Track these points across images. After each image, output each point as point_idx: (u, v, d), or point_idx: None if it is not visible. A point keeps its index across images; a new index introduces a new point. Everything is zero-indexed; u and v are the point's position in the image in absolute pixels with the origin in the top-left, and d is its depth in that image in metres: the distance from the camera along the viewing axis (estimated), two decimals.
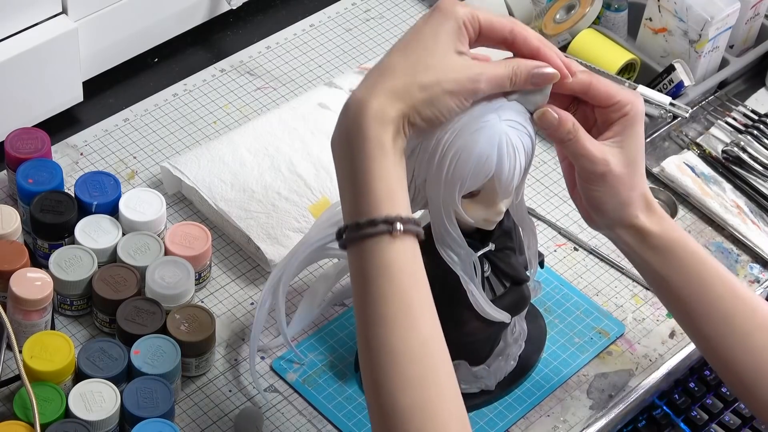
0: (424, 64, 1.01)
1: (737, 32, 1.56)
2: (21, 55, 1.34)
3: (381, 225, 0.99)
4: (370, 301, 0.99)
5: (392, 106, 1.00)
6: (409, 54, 1.01)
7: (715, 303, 1.11)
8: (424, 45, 1.02)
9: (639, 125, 1.10)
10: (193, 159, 1.38)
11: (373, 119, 1.00)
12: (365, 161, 0.99)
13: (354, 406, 1.25)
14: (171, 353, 1.21)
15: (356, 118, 1.00)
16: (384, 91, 1.00)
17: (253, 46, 1.57)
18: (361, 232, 0.99)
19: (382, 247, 0.99)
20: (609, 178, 1.09)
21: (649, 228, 1.11)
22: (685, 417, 1.36)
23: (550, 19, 1.56)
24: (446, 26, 1.02)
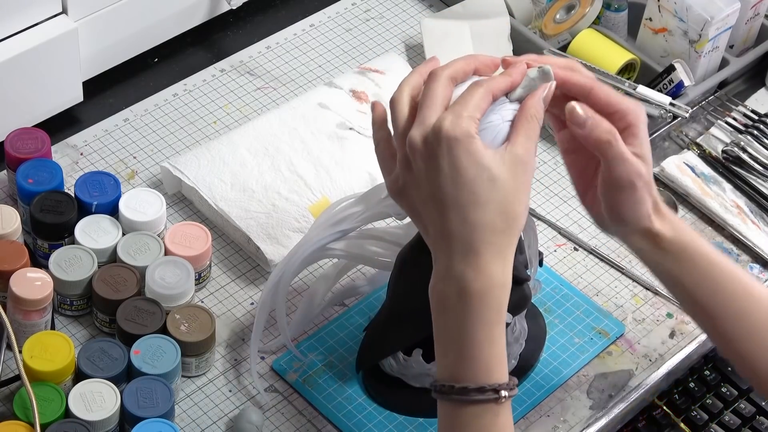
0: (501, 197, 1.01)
1: (737, 32, 1.56)
2: (21, 55, 1.34)
3: (489, 392, 1.00)
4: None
5: (508, 263, 1.02)
6: (482, 201, 1.00)
7: (729, 302, 1.12)
8: (486, 183, 1.00)
9: (645, 132, 1.09)
10: (193, 159, 1.38)
11: (497, 288, 1.01)
12: (484, 327, 1.01)
13: (354, 406, 1.25)
14: (171, 353, 1.21)
15: (482, 288, 1.01)
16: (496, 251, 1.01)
17: (253, 46, 1.57)
18: (469, 397, 1.01)
19: (486, 415, 1.01)
20: (639, 184, 1.08)
21: (662, 231, 1.11)
22: (685, 417, 1.36)
23: (550, 19, 1.56)
24: (475, 150, 1.00)
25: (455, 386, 1.01)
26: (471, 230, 1.01)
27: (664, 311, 1.36)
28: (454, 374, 1.02)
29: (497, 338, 1.02)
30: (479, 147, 1.01)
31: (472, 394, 1.01)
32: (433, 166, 1.01)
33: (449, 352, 1.02)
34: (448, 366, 1.03)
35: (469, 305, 1.01)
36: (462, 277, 1.01)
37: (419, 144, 1.02)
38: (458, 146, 1.00)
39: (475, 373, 1.01)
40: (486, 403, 1.01)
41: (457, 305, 1.02)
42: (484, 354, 1.01)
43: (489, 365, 1.01)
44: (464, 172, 1.00)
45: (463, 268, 1.01)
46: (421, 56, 1.58)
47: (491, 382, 1.01)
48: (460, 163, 1.00)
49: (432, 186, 1.01)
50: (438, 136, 1.01)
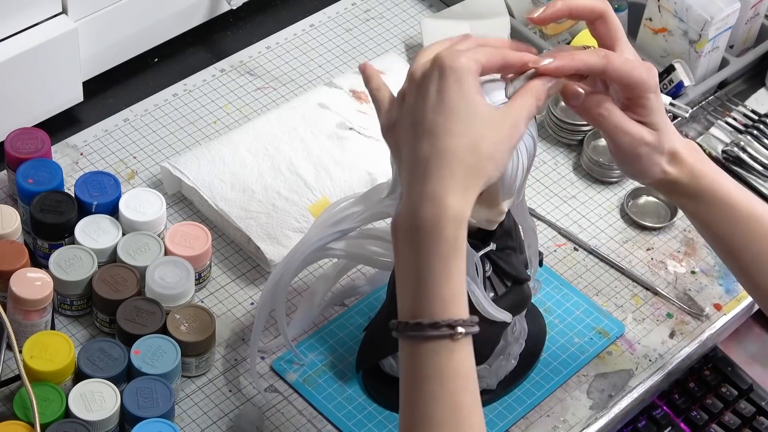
0: (477, 134, 0.99)
1: (737, 32, 1.56)
2: (21, 55, 1.34)
3: (444, 328, 0.98)
4: (419, 400, 0.99)
5: (468, 199, 0.99)
6: (457, 131, 0.99)
7: (749, 243, 1.13)
8: (465, 114, 0.99)
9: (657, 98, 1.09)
10: (193, 159, 1.38)
11: (451, 220, 0.98)
12: (437, 261, 0.98)
13: (354, 406, 1.25)
14: (171, 353, 1.21)
15: (433, 218, 0.98)
16: (458, 184, 0.98)
17: (253, 46, 1.57)
18: (423, 333, 0.98)
19: (441, 351, 0.98)
20: (644, 150, 1.09)
21: (678, 178, 1.12)
22: (685, 417, 1.36)
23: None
24: (467, 83, 1.00)
25: (410, 322, 0.99)
26: (437, 156, 0.98)
27: (664, 311, 1.36)
28: (411, 311, 0.99)
29: (454, 274, 0.98)
30: (471, 83, 1.00)
31: (426, 330, 0.98)
32: (422, 93, 1.00)
33: (405, 286, 1.00)
34: (405, 303, 1.00)
35: (422, 238, 0.98)
36: (418, 207, 0.98)
37: (416, 72, 1.02)
38: (450, 75, 0.99)
39: (430, 308, 0.98)
40: (441, 339, 0.98)
41: (412, 238, 0.99)
42: (439, 289, 0.98)
43: (444, 300, 0.98)
44: (448, 100, 0.99)
45: (420, 198, 0.98)
46: None
47: (446, 318, 0.98)
48: (446, 91, 0.99)
49: (415, 113, 1.01)
50: (434, 63, 1.00)
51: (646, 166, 1.11)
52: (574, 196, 1.46)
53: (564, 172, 1.48)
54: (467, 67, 1.00)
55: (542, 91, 1.04)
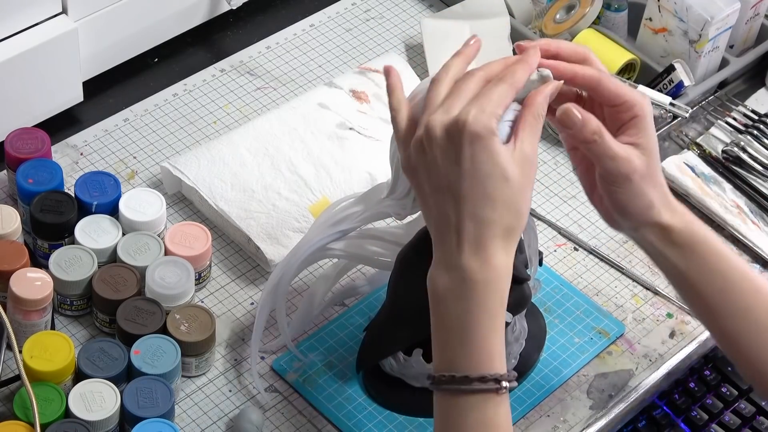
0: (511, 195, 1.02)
1: (737, 32, 1.56)
2: (21, 55, 1.34)
3: (490, 382, 1.01)
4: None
5: (511, 254, 1.03)
6: (494, 198, 1.02)
7: (736, 298, 1.12)
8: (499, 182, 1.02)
9: (651, 124, 1.10)
10: (193, 159, 1.38)
11: (501, 278, 1.02)
12: (486, 317, 1.02)
13: (354, 406, 1.25)
14: (171, 353, 1.21)
15: (485, 278, 1.02)
16: (500, 245, 1.02)
17: (253, 46, 1.57)
18: (469, 386, 1.01)
19: (486, 405, 1.01)
20: (635, 178, 1.09)
21: (672, 224, 1.11)
22: (685, 417, 1.36)
23: (550, 19, 1.56)
24: (495, 149, 1.01)
25: (456, 375, 1.01)
26: (480, 225, 1.02)
27: (664, 311, 1.36)
28: (455, 364, 1.02)
29: (499, 330, 1.02)
30: (497, 145, 1.02)
31: (473, 384, 1.00)
32: (451, 158, 1.02)
33: (450, 341, 1.02)
34: (448, 355, 1.02)
35: (474, 295, 1.01)
36: (468, 268, 1.02)
37: (438, 132, 1.02)
38: (479, 142, 1.01)
39: (477, 362, 1.01)
40: (487, 393, 1.00)
41: (462, 295, 1.02)
42: (487, 344, 1.01)
43: (491, 355, 1.01)
44: (481, 167, 1.01)
45: (469, 258, 1.02)
46: (421, 56, 1.58)
47: (492, 372, 1.01)
48: (478, 159, 1.01)
49: (447, 177, 1.02)
50: (460, 129, 1.01)
51: (636, 198, 1.10)
52: (574, 196, 1.46)
53: (564, 172, 1.48)
54: (491, 130, 1.01)
55: (545, 103, 1.05)
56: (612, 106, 1.09)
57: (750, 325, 1.11)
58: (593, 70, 1.09)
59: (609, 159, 1.08)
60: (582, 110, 1.07)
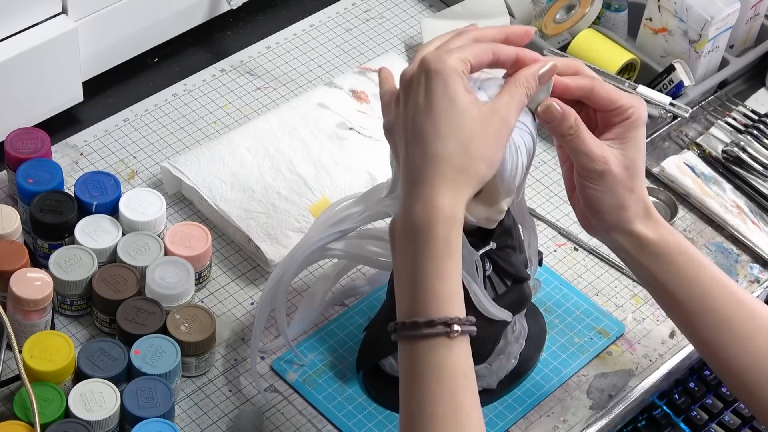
0: (465, 136, 1.00)
1: (737, 32, 1.56)
2: (21, 55, 1.34)
3: (439, 326, 0.99)
4: (419, 400, 0.99)
5: (460, 199, 1.00)
6: (445, 134, 1.00)
7: (713, 308, 1.11)
8: (452, 117, 1.00)
9: (640, 130, 1.10)
10: (193, 159, 1.38)
11: (443, 220, 0.99)
12: (430, 261, 0.99)
13: (354, 406, 1.25)
14: (171, 353, 1.21)
15: (426, 219, 1.00)
16: (449, 186, 1.00)
17: (253, 46, 1.57)
18: (419, 331, 0.99)
19: (438, 349, 0.99)
20: (607, 177, 1.09)
21: (646, 234, 1.11)
22: (685, 417, 1.36)
23: (550, 19, 1.56)
24: (453, 86, 1.01)
25: (406, 322, 1.00)
26: (427, 161, 1.00)
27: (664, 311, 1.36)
28: (408, 311, 1.01)
29: (449, 274, 1.00)
30: (457, 84, 1.00)
31: (422, 328, 0.99)
32: (412, 98, 1.02)
33: (403, 288, 1.01)
34: (402, 304, 1.01)
35: (416, 239, 1.00)
36: (411, 210, 1.00)
37: (407, 75, 1.03)
38: (435, 77, 1.00)
39: (426, 307, 0.99)
40: (437, 336, 0.99)
41: (407, 240, 1.01)
42: (434, 288, 0.99)
43: (440, 299, 0.99)
44: (435, 103, 1.00)
45: (413, 201, 1.00)
46: None
47: (441, 316, 0.99)
48: (433, 95, 1.00)
49: (406, 117, 1.02)
50: (421, 66, 1.01)
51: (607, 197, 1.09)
52: None
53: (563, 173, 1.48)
54: (453, 68, 1.01)
55: (532, 79, 1.04)
56: (608, 111, 1.09)
57: (728, 334, 1.11)
58: (585, 79, 1.09)
59: (584, 156, 1.08)
60: (563, 105, 1.07)
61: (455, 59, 1.01)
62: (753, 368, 1.10)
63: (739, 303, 1.11)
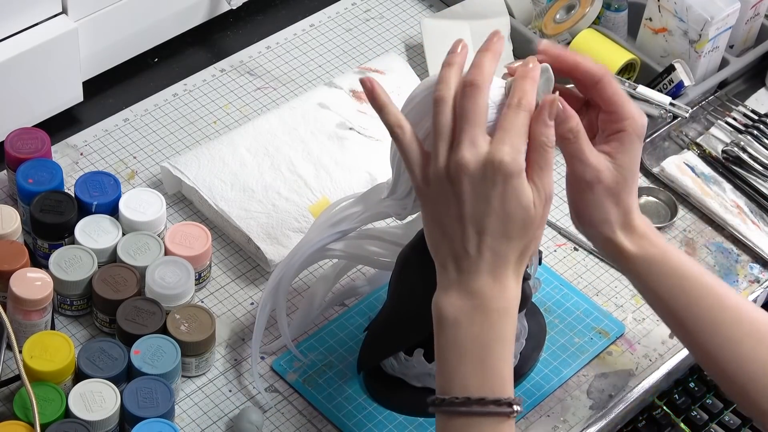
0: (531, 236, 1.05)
1: (737, 32, 1.56)
2: (21, 55, 1.34)
3: (504, 406, 1.02)
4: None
5: (519, 284, 1.05)
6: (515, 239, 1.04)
7: (700, 314, 1.12)
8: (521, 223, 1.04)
9: (637, 144, 1.11)
10: (193, 159, 1.38)
11: (515, 307, 1.04)
12: (504, 344, 1.04)
13: (354, 406, 1.25)
14: (171, 353, 1.21)
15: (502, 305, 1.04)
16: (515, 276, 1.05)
17: (253, 46, 1.57)
18: (486, 409, 1.02)
19: (500, 427, 1.02)
20: (596, 188, 1.11)
21: (627, 247, 1.13)
22: (685, 417, 1.36)
23: (550, 19, 1.56)
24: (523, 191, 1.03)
25: (471, 398, 1.02)
26: (499, 258, 1.04)
27: None
28: (469, 387, 1.03)
29: (510, 356, 1.04)
30: (526, 186, 1.03)
31: (489, 406, 1.02)
32: (482, 194, 1.03)
33: (463, 364, 1.03)
34: (459, 378, 1.03)
35: (490, 321, 1.03)
36: (484, 295, 1.03)
37: (471, 168, 1.03)
38: (511, 182, 1.02)
39: (492, 385, 1.03)
40: (500, 416, 1.02)
41: (477, 320, 1.03)
42: (501, 368, 1.03)
43: (504, 380, 1.03)
44: (508, 207, 1.03)
45: (485, 286, 1.03)
46: (421, 56, 1.58)
47: (506, 396, 1.02)
48: (508, 199, 1.02)
49: (473, 210, 1.03)
50: (496, 169, 1.02)
51: (593, 209, 1.12)
52: None
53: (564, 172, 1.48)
54: (523, 169, 1.03)
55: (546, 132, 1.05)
56: (606, 111, 1.09)
57: (717, 339, 1.12)
58: (598, 67, 1.09)
59: (578, 162, 1.10)
60: (567, 107, 1.07)
61: (521, 155, 1.03)
62: (742, 372, 1.11)
63: (725, 309, 1.12)
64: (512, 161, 1.02)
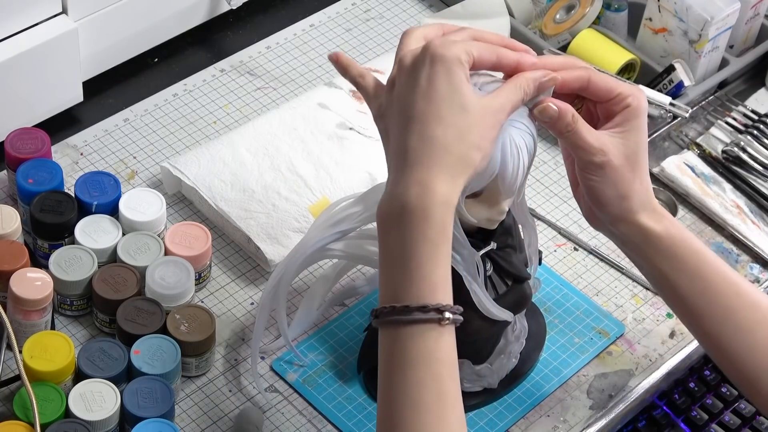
0: (465, 124, 1.00)
1: (737, 32, 1.56)
2: (21, 55, 1.34)
3: (432, 312, 0.98)
4: (404, 385, 0.98)
5: (456, 186, 1.00)
6: (444, 120, 1.00)
7: (716, 300, 1.12)
8: (453, 104, 1.00)
9: (641, 118, 1.09)
10: (193, 159, 1.38)
11: (440, 205, 0.99)
12: (426, 246, 0.98)
13: (354, 406, 1.25)
14: (171, 353, 1.21)
15: (422, 203, 0.99)
16: (446, 171, 0.99)
17: (253, 46, 1.57)
18: (410, 316, 0.98)
19: (428, 334, 0.98)
20: (607, 168, 1.08)
21: (650, 226, 1.11)
22: (685, 417, 1.36)
23: (550, 19, 1.56)
24: (457, 74, 1.01)
25: (396, 306, 0.98)
26: (426, 144, 1.00)
27: (664, 311, 1.36)
28: (396, 294, 0.99)
29: (441, 259, 0.99)
30: (461, 75, 1.00)
31: (414, 313, 0.98)
32: (412, 80, 1.01)
33: (392, 271, 1.00)
34: (390, 286, 1.00)
35: (410, 222, 0.99)
36: (406, 193, 0.99)
37: (408, 58, 1.02)
38: (440, 63, 1.00)
39: (418, 291, 0.98)
40: (428, 323, 0.98)
41: (400, 223, 0.99)
42: (427, 273, 0.98)
43: (432, 285, 0.98)
44: (438, 88, 1.00)
45: (408, 183, 1.00)
46: None
47: (434, 302, 0.98)
48: (436, 80, 1.00)
49: (404, 99, 1.01)
50: (425, 51, 1.01)
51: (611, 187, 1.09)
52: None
53: (564, 172, 1.48)
54: (458, 58, 1.01)
55: (532, 83, 1.04)
56: (607, 101, 1.09)
57: (730, 326, 1.11)
58: (581, 70, 1.09)
59: (581, 149, 1.08)
60: (559, 103, 1.07)
61: (461, 49, 1.01)
62: (753, 360, 1.11)
63: (741, 295, 1.12)
64: (443, 45, 1.00)
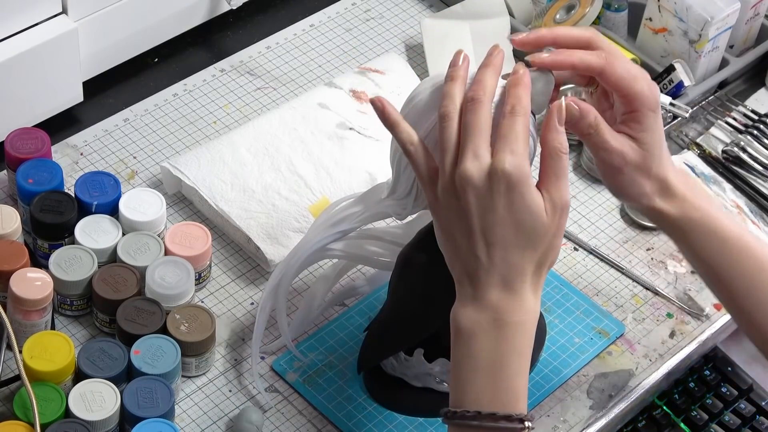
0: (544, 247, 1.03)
1: (737, 32, 1.56)
2: (21, 55, 1.34)
3: (516, 422, 1.01)
4: None
5: (539, 297, 1.04)
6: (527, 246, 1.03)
7: (743, 274, 1.13)
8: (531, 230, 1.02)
9: (654, 119, 1.11)
10: (193, 159, 1.38)
11: (532, 321, 1.03)
12: (514, 357, 1.03)
13: (354, 406, 1.25)
14: (171, 353, 1.21)
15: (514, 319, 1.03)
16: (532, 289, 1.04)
17: (253, 46, 1.57)
18: (497, 424, 1.01)
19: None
20: (626, 170, 1.11)
21: (666, 210, 1.14)
22: (685, 417, 1.36)
23: (550, 19, 1.56)
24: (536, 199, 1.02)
25: (482, 412, 1.01)
26: (513, 269, 1.03)
27: (664, 311, 1.36)
28: (480, 400, 1.02)
29: (525, 371, 1.04)
30: (533, 192, 1.02)
31: (500, 421, 1.01)
32: (488, 205, 1.02)
33: (477, 378, 1.03)
34: (473, 391, 1.03)
35: (505, 335, 1.03)
36: (499, 308, 1.03)
37: (475, 180, 1.02)
38: (516, 189, 1.01)
39: (505, 400, 1.02)
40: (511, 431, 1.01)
41: (493, 334, 1.03)
42: (514, 384, 1.03)
43: (517, 395, 1.03)
44: (517, 215, 1.02)
45: (500, 299, 1.03)
46: (421, 56, 1.58)
47: (518, 412, 1.02)
48: (514, 207, 1.02)
49: (481, 222, 1.02)
50: (498, 177, 1.01)
51: (628, 186, 1.13)
52: (574, 196, 1.46)
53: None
54: (527, 174, 1.02)
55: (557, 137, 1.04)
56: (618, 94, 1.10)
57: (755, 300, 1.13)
58: (595, 59, 1.08)
59: (603, 151, 1.10)
60: (581, 104, 1.07)
61: (525, 161, 1.02)
62: None
63: (765, 270, 1.13)
64: (514, 168, 1.01)
